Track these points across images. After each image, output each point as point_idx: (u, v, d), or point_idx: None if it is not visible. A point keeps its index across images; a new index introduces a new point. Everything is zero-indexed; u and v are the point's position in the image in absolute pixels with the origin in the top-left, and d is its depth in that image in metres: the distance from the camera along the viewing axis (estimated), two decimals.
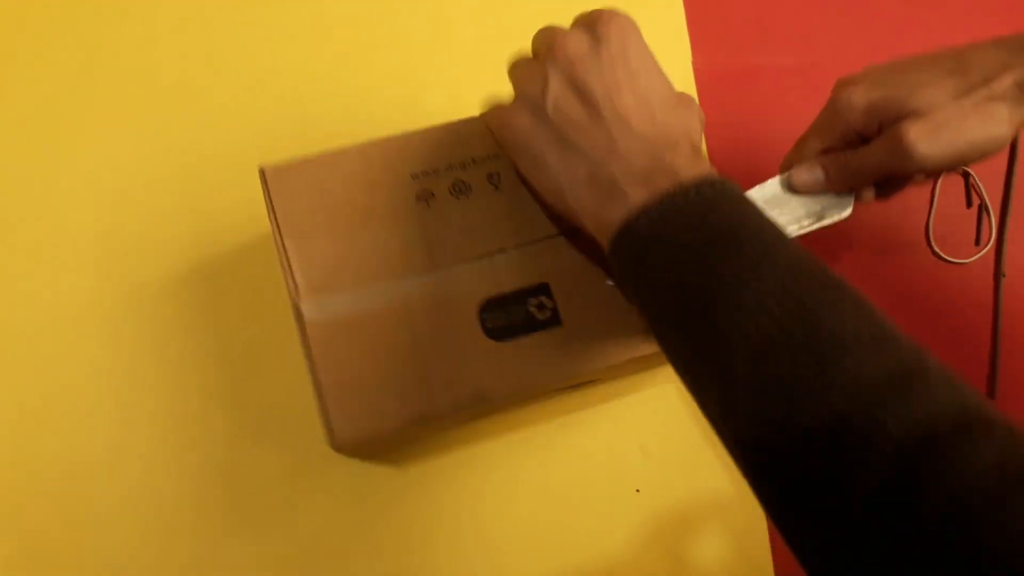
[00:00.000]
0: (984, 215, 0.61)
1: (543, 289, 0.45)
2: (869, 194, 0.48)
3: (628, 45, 0.40)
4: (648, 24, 0.63)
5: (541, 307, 0.45)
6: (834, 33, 0.64)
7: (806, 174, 0.48)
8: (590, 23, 0.41)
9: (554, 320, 0.44)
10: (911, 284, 0.59)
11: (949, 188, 0.61)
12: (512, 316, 0.44)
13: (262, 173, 0.43)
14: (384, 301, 0.43)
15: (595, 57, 0.40)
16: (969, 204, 0.61)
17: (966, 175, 0.61)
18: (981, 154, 0.44)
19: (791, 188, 0.49)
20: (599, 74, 0.40)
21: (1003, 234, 0.60)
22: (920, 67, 0.44)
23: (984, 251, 0.60)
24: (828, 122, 0.47)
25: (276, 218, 0.42)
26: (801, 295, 0.33)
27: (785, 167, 0.50)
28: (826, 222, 0.49)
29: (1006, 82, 0.43)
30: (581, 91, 0.40)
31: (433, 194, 0.44)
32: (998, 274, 0.59)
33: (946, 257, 0.60)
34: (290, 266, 0.42)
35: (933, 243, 0.60)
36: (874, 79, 0.45)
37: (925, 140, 0.43)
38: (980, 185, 0.61)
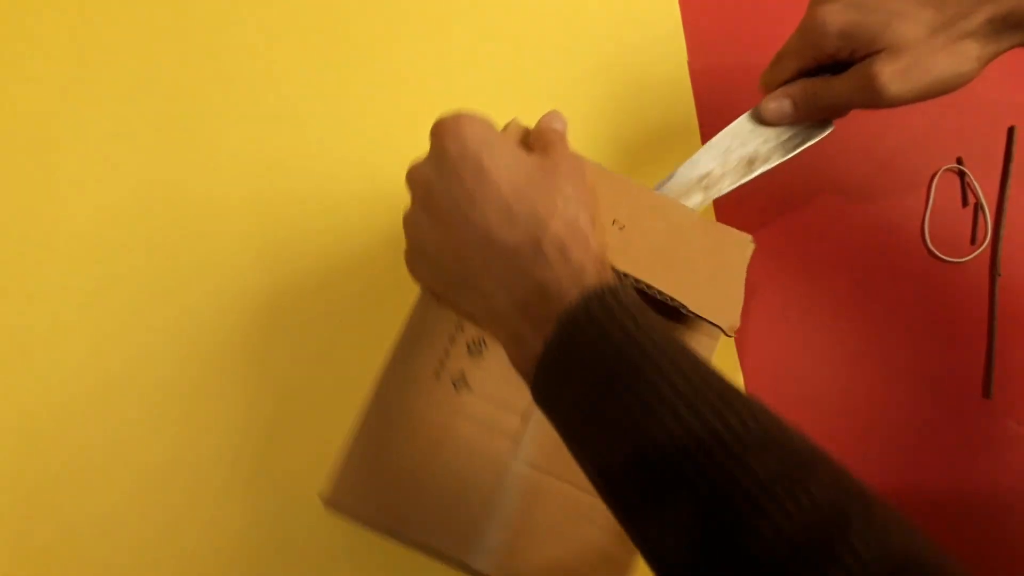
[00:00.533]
0: (980, 214, 0.61)
1: None
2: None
3: (466, 147, 0.38)
4: (644, 25, 0.64)
5: None
6: None
7: (773, 104, 0.49)
8: (432, 139, 0.39)
9: None
10: (907, 283, 0.59)
11: (945, 187, 0.61)
12: None
13: None
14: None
15: (439, 177, 0.38)
16: (965, 203, 0.61)
17: (962, 174, 0.62)
18: (947, 90, 0.45)
19: (760, 120, 0.50)
20: (447, 192, 0.38)
21: (999, 233, 0.60)
22: None
23: (980, 250, 0.60)
24: (801, 42, 0.47)
25: None
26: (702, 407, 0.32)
27: (762, 87, 0.50)
28: (809, 144, 0.50)
29: (979, 18, 0.43)
30: (435, 215, 0.38)
31: (462, 371, 0.46)
32: (994, 273, 0.59)
33: (942, 256, 0.60)
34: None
35: (929, 242, 0.60)
36: (852, 2, 0.45)
37: (896, 81, 0.44)
38: (976, 184, 0.61)
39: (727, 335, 0.45)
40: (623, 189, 0.47)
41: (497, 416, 0.45)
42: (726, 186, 0.50)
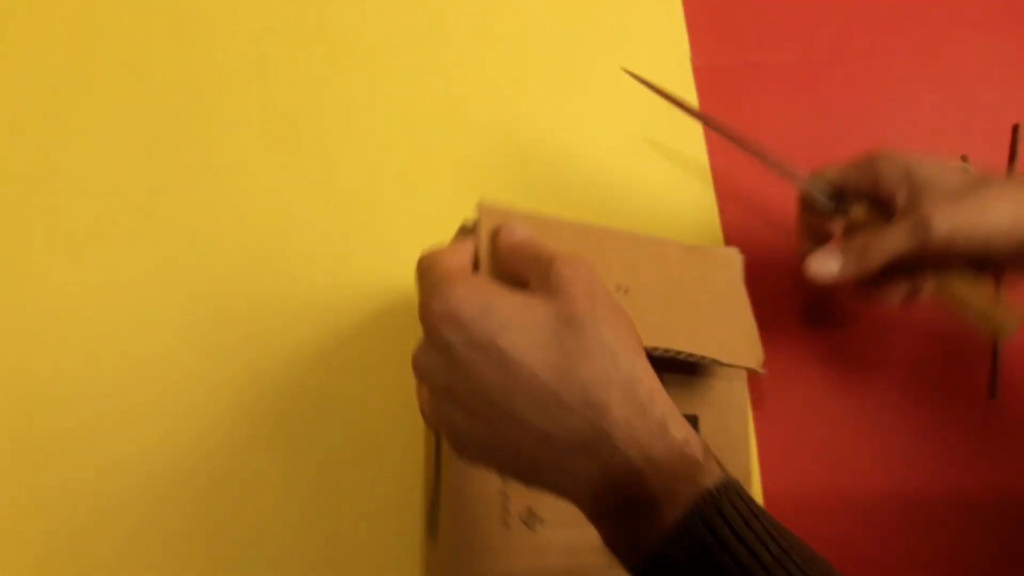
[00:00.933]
0: None
1: (690, 419, 0.43)
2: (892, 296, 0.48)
3: (471, 335, 0.32)
4: (647, 23, 0.64)
5: None
6: (832, 30, 0.64)
7: (817, 264, 0.47)
8: (426, 330, 0.34)
9: None
10: None
11: None
12: None
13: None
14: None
15: (455, 372, 0.33)
16: None
17: None
18: (1001, 237, 0.43)
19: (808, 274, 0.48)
20: (473, 391, 0.32)
21: None
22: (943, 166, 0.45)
23: None
24: (908, 241, 0.45)
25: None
26: None
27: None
28: None
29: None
30: (469, 410, 0.33)
31: None
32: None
33: None
34: None
35: None
36: (954, 205, 0.44)
37: (941, 215, 0.43)
38: None
39: (759, 372, 0.44)
40: (610, 243, 0.44)
41: (580, 535, 0.42)
42: None
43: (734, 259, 0.48)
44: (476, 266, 0.38)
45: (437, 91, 0.60)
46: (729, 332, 0.45)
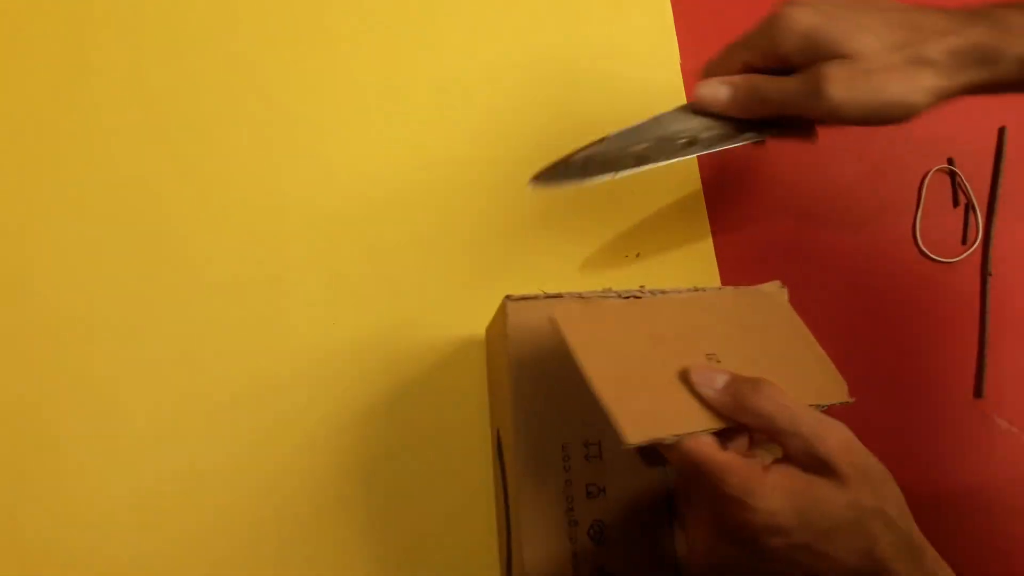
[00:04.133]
0: (971, 214, 0.61)
1: None
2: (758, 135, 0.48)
3: (793, 538, 0.36)
4: (636, 26, 0.64)
5: None
6: None
7: (707, 90, 0.47)
8: (742, 535, 0.37)
9: None
10: (898, 283, 0.59)
11: (936, 187, 0.62)
12: None
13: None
14: None
15: (762, 560, 0.37)
16: (956, 203, 0.62)
17: (953, 175, 0.62)
18: (890, 117, 0.43)
19: (694, 107, 0.48)
20: (771, 565, 0.37)
21: (990, 233, 0.60)
22: (868, 9, 0.44)
23: (971, 250, 0.60)
24: (760, 36, 0.46)
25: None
26: None
27: (707, 72, 0.49)
28: (732, 146, 0.48)
29: (941, 47, 0.42)
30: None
31: None
32: (985, 273, 0.60)
33: (933, 256, 0.60)
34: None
35: (920, 242, 0.60)
36: (819, 7, 0.44)
37: (841, 88, 0.42)
38: (967, 184, 0.61)
39: (850, 402, 0.44)
40: (675, 312, 0.45)
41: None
42: (661, 162, 0.49)
43: (780, 293, 0.47)
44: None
45: (428, 100, 0.61)
46: (809, 371, 0.44)
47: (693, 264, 0.58)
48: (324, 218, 0.57)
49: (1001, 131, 0.63)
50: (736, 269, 0.58)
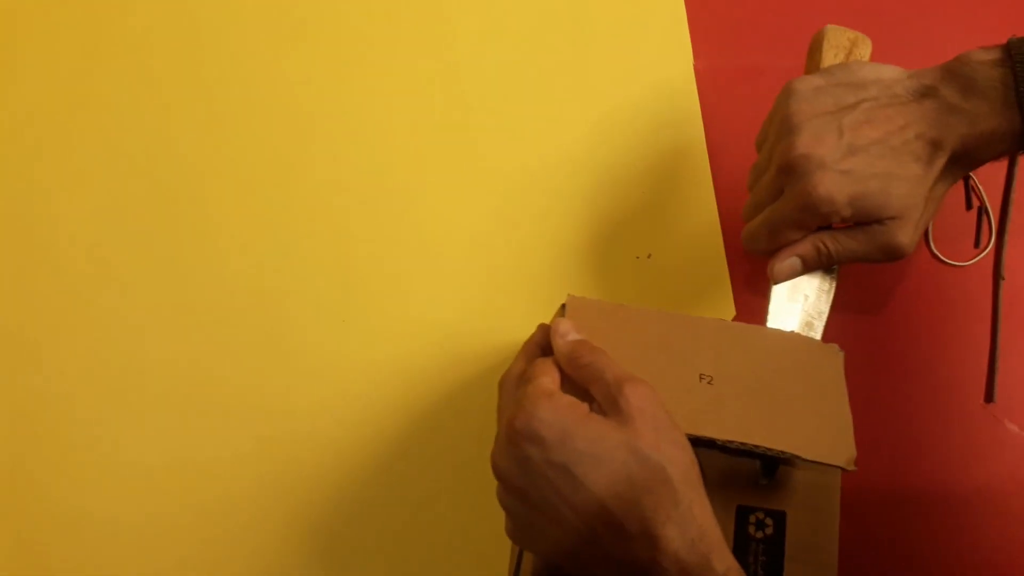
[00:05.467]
0: (984, 217, 0.61)
1: (777, 514, 0.44)
2: None
3: (549, 455, 0.36)
4: (649, 26, 0.64)
5: (760, 525, 0.44)
6: None
7: (782, 264, 0.48)
8: (508, 439, 0.38)
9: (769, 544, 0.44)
10: (910, 286, 0.59)
11: (949, 190, 0.61)
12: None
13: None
14: None
15: (529, 482, 0.37)
16: (969, 206, 0.61)
17: (966, 177, 0.61)
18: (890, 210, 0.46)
19: (774, 280, 0.49)
20: (544, 501, 0.37)
21: (1003, 237, 0.60)
22: (884, 154, 0.45)
23: (983, 254, 0.60)
24: (805, 214, 0.46)
25: None
26: None
27: (750, 249, 0.50)
28: (833, 290, 0.50)
29: (940, 163, 0.46)
30: (538, 511, 0.37)
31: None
32: (997, 276, 0.59)
33: (945, 259, 0.60)
34: None
35: (932, 245, 0.60)
36: (842, 168, 0.45)
37: (907, 236, 0.46)
38: (980, 187, 0.61)
39: (847, 471, 0.42)
40: (698, 331, 0.45)
41: None
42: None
43: (835, 354, 0.47)
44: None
45: (444, 114, 0.61)
46: (820, 427, 0.43)
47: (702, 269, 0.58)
48: (352, 218, 0.57)
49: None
50: (748, 272, 0.58)
